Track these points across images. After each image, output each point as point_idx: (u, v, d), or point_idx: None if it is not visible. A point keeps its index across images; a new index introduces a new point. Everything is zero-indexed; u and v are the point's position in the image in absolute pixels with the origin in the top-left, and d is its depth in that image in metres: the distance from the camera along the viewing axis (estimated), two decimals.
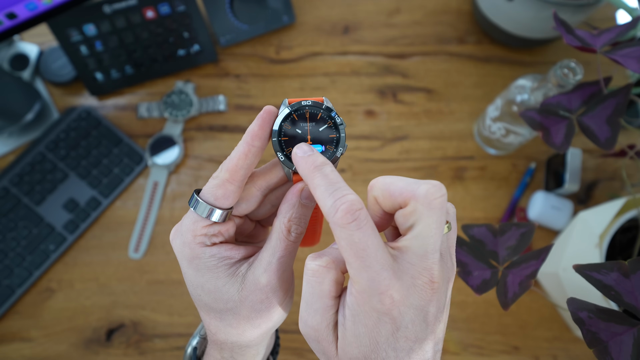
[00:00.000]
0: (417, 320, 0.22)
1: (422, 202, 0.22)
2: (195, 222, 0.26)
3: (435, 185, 0.22)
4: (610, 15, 0.74)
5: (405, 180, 0.23)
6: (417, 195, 0.22)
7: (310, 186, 0.23)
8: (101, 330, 0.61)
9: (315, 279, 0.23)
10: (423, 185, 0.22)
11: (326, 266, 0.23)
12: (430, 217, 0.22)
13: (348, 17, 0.74)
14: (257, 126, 0.26)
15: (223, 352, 0.28)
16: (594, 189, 0.66)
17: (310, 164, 0.24)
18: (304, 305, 0.24)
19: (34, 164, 0.65)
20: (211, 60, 0.71)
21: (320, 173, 0.23)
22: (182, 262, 0.27)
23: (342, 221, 0.21)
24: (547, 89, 0.51)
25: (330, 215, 0.22)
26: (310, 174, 0.23)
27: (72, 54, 0.67)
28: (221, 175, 0.25)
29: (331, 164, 0.24)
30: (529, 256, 0.37)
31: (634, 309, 0.31)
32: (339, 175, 0.23)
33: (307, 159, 0.24)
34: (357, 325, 0.22)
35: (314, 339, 0.24)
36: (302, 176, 0.24)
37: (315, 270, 0.23)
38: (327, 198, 0.22)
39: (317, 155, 0.24)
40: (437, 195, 0.22)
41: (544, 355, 0.60)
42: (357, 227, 0.21)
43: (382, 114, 0.70)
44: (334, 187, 0.22)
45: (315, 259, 0.23)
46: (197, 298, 0.27)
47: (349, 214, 0.21)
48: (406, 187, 0.23)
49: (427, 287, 0.22)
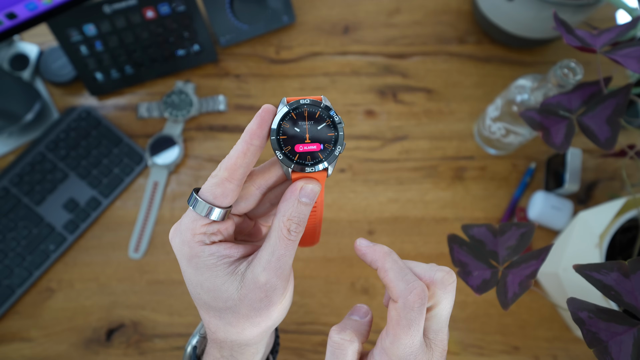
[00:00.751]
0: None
1: (439, 287, 0.27)
2: (195, 220, 0.26)
3: (449, 272, 0.27)
4: (610, 15, 0.74)
5: (423, 267, 0.28)
6: (435, 281, 0.27)
7: (381, 269, 0.27)
8: (101, 330, 0.61)
9: (340, 351, 0.26)
10: (439, 273, 0.27)
11: (350, 340, 0.27)
12: (446, 299, 0.27)
13: (348, 17, 0.74)
14: (255, 125, 0.26)
15: (223, 350, 0.29)
16: (594, 189, 0.66)
17: (380, 252, 0.28)
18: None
19: (34, 164, 0.65)
20: (211, 60, 0.71)
21: (391, 258, 0.27)
22: (182, 260, 0.27)
23: (413, 304, 0.25)
24: (547, 89, 0.51)
25: (402, 296, 0.26)
26: (382, 259, 0.28)
27: (72, 54, 0.67)
28: (220, 173, 0.26)
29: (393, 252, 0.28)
30: (529, 256, 0.37)
31: (634, 309, 0.31)
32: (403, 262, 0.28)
33: (375, 248, 0.28)
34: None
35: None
36: (373, 262, 0.28)
37: (340, 344, 0.27)
38: (399, 281, 0.26)
39: (380, 245, 0.28)
40: (450, 282, 0.27)
41: (544, 355, 0.60)
42: (419, 311, 0.26)
43: (382, 114, 0.70)
44: (404, 272, 0.27)
45: (340, 333, 0.27)
46: (196, 297, 0.27)
47: (420, 299, 0.25)
48: (424, 274, 0.27)
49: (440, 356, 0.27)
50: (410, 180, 0.67)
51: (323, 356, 0.60)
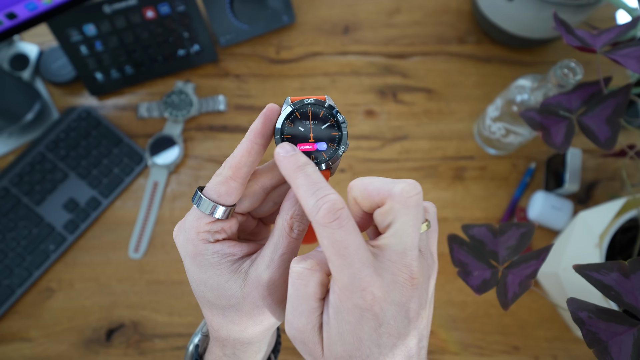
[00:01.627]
0: (399, 317, 0.22)
1: (397, 200, 0.23)
2: (199, 218, 0.26)
3: (411, 184, 0.23)
4: (610, 15, 0.74)
5: (381, 180, 0.24)
6: (393, 194, 0.23)
7: (293, 186, 0.24)
8: (101, 330, 0.61)
9: (300, 281, 0.23)
10: (398, 184, 0.23)
11: (311, 268, 0.23)
12: (406, 215, 0.23)
13: (348, 17, 0.74)
14: (260, 124, 0.26)
15: (225, 349, 0.29)
16: (594, 189, 0.66)
17: (293, 163, 0.24)
18: (289, 308, 0.24)
19: (34, 164, 0.65)
20: (211, 60, 0.71)
21: (302, 173, 0.24)
22: (185, 258, 0.27)
23: (324, 220, 0.22)
24: (547, 89, 0.51)
25: (312, 215, 0.22)
26: (293, 173, 0.24)
27: (72, 54, 0.67)
28: (224, 172, 0.26)
29: (313, 164, 0.24)
30: (529, 256, 0.37)
31: (634, 309, 0.31)
32: (322, 175, 0.24)
33: (289, 158, 0.24)
34: (341, 323, 0.22)
35: (300, 341, 0.24)
36: (285, 176, 0.24)
37: (300, 273, 0.23)
38: (309, 197, 0.22)
39: (299, 155, 0.24)
40: (412, 194, 0.23)
41: (544, 355, 0.60)
42: (338, 225, 0.22)
43: (382, 114, 0.70)
44: (316, 187, 0.23)
45: (300, 262, 0.24)
46: (199, 295, 0.27)
47: (331, 213, 0.22)
48: (382, 187, 0.23)
49: (407, 283, 0.22)
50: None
51: None
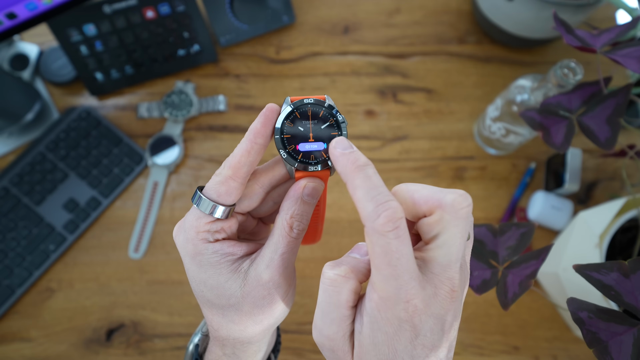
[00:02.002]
0: (436, 329, 0.22)
1: (448, 211, 0.22)
2: (198, 218, 0.26)
3: (462, 195, 0.22)
4: (610, 15, 0.74)
5: (430, 189, 0.23)
6: (444, 205, 0.22)
7: (349, 186, 0.22)
8: (101, 330, 0.61)
9: (333, 288, 0.23)
10: (449, 195, 0.22)
11: (345, 276, 0.23)
12: (456, 227, 0.22)
13: (348, 17, 0.74)
14: (259, 124, 0.26)
15: (225, 348, 0.29)
16: (594, 189, 0.66)
17: (352, 162, 0.23)
18: (319, 314, 0.23)
19: (34, 164, 0.65)
20: (211, 60, 0.71)
21: (362, 174, 0.22)
22: (185, 258, 0.27)
23: (382, 228, 0.20)
24: (547, 89, 0.51)
25: (369, 220, 0.21)
26: (351, 173, 0.22)
27: (72, 54, 0.67)
28: (224, 172, 0.26)
29: (373, 165, 0.23)
30: (529, 256, 0.37)
31: (634, 309, 0.31)
32: (381, 179, 0.22)
33: (348, 156, 0.23)
34: (376, 332, 0.22)
35: (328, 349, 0.23)
36: (341, 174, 0.23)
37: (334, 280, 0.23)
38: (368, 202, 0.21)
39: (358, 154, 0.23)
40: (464, 205, 0.22)
41: (544, 355, 0.60)
42: (395, 236, 0.20)
43: (382, 114, 0.70)
44: (376, 191, 0.21)
45: (334, 268, 0.23)
46: (199, 294, 0.27)
47: (391, 222, 0.20)
48: (432, 196, 0.22)
49: (448, 296, 0.22)
50: (411, 180, 0.66)
51: (323, 356, 0.60)
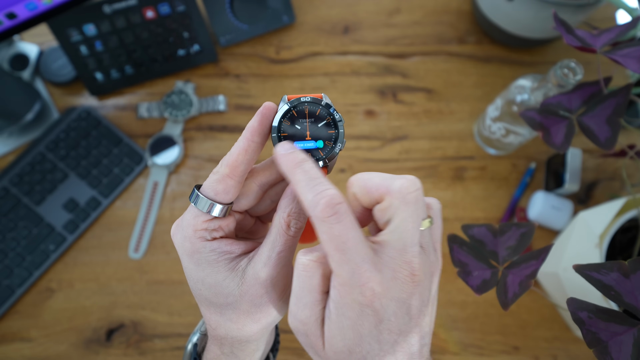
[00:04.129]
0: (400, 313, 0.22)
1: (396, 196, 0.22)
2: (196, 216, 0.26)
3: (410, 180, 0.23)
4: (610, 15, 0.74)
5: (381, 176, 0.24)
6: (392, 191, 0.23)
7: (292, 182, 0.24)
8: (101, 330, 0.61)
9: (306, 273, 0.23)
10: (397, 180, 0.23)
11: (317, 260, 0.23)
12: (405, 212, 0.22)
13: (348, 17, 0.74)
14: (256, 122, 0.26)
15: (223, 347, 0.29)
16: (594, 189, 0.66)
17: (291, 160, 0.24)
18: (293, 299, 0.24)
19: (34, 164, 0.65)
20: (211, 60, 0.71)
21: (300, 169, 0.24)
22: (183, 256, 0.27)
23: (322, 214, 0.22)
24: (547, 89, 0.51)
25: (310, 209, 0.22)
26: (292, 170, 0.24)
27: (72, 54, 0.67)
28: (221, 170, 0.26)
29: (312, 161, 0.24)
30: (529, 256, 0.37)
31: (634, 309, 0.31)
32: (320, 171, 0.24)
33: (287, 156, 0.25)
34: (341, 318, 0.22)
35: (302, 333, 0.24)
36: (284, 173, 0.24)
37: (306, 265, 0.23)
38: (307, 192, 0.23)
39: (297, 152, 0.25)
40: (411, 190, 0.23)
41: (544, 355, 0.60)
42: (337, 220, 0.21)
43: (382, 114, 0.70)
44: (314, 182, 0.23)
45: (307, 254, 0.24)
46: (197, 293, 0.27)
47: (329, 208, 0.21)
48: (382, 183, 0.23)
49: (408, 280, 0.22)
50: None
51: None
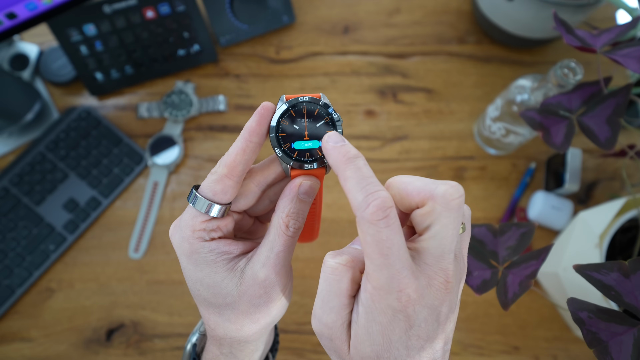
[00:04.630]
0: (430, 320, 0.22)
1: (440, 202, 0.22)
2: (194, 217, 0.26)
3: (454, 186, 0.22)
4: (610, 15, 0.74)
5: (423, 180, 0.23)
6: (435, 196, 0.22)
7: (341, 178, 0.23)
8: (101, 330, 0.61)
9: (334, 276, 0.23)
10: (441, 186, 0.22)
11: (346, 264, 0.23)
12: (447, 218, 0.22)
13: (348, 17, 0.74)
14: (254, 122, 0.26)
15: (222, 347, 0.29)
16: (594, 189, 0.66)
17: (343, 154, 0.23)
18: (319, 302, 0.23)
19: (34, 164, 0.65)
20: (211, 60, 0.71)
21: (353, 165, 0.23)
22: (181, 257, 0.27)
23: (372, 217, 0.21)
24: (547, 89, 0.51)
25: (359, 210, 0.21)
26: (343, 165, 0.23)
27: (72, 54, 0.67)
28: (219, 170, 0.26)
29: (364, 157, 0.23)
30: (529, 256, 0.37)
31: (634, 309, 0.31)
32: (371, 170, 0.23)
33: (339, 149, 0.24)
34: (371, 322, 0.22)
35: (327, 337, 0.24)
36: (333, 167, 0.24)
37: (335, 268, 0.23)
38: (358, 192, 0.22)
39: (349, 146, 0.24)
40: (455, 196, 0.22)
41: (544, 355, 0.60)
42: (386, 224, 0.21)
43: (382, 114, 0.70)
44: (366, 182, 0.22)
45: (335, 257, 0.23)
46: (196, 293, 0.27)
47: (380, 211, 0.21)
48: (424, 187, 0.23)
49: (442, 287, 0.22)
50: None
51: (323, 356, 0.60)
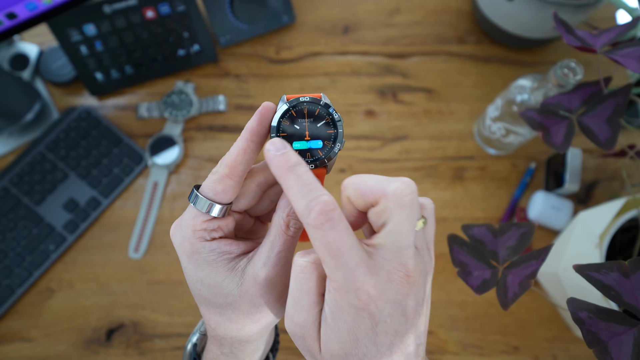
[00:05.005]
0: (396, 315, 0.22)
1: (392, 200, 0.22)
2: (195, 217, 0.26)
3: (405, 182, 0.22)
4: (610, 15, 0.74)
5: (375, 179, 0.23)
6: (387, 194, 0.22)
7: (283, 186, 0.23)
8: (101, 330, 0.61)
9: (303, 275, 0.23)
10: (393, 183, 0.22)
11: (314, 262, 0.23)
12: (400, 215, 0.22)
13: (348, 17, 0.74)
14: (255, 122, 0.26)
15: (223, 347, 0.29)
16: (594, 189, 0.66)
17: (284, 162, 0.23)
18: (290, 301, 0.24)
19: (34, 164, 0.65)
20: (211, 60, 0.71)
21: (293, 174, 0.23)
22: (182, 257, 0.27)
23: (315, 222, 0.21)
24: (547, 89, 0.51)
25: (304, 217, 0.22)
26: (283, 173, 0.23)
27: (72, 54, 0.67)
28: (220, 170, 0.26)
29: (305, 164, 0.23)
30: (529, 256, 0.37)
31: (634, 309, 0.31)
32: (313, 176, 0.23)
33: (279, 157, 0.23)
34: (337, 321, 0.22)
35: (299, 336, 0.24)
36: (275, 175, 0.23)
37: (304, 267, 0.23)
38: (300, 199, 0.22)
39: (290, 154, 0.23)
40: (406, 193, 0.22)
41: (544, 355, 0.60)
42: (330, 227, 0.21)
43: (382, 114, 0.70)
44: (307, 188, 0.22)
45: (304, 256, 0.23)
46: (197, 293, 0.27)
47: (323, 215, 0.21)
48: (377, 186, 0.23)
49: (403, 281, 0.22)
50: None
51: None
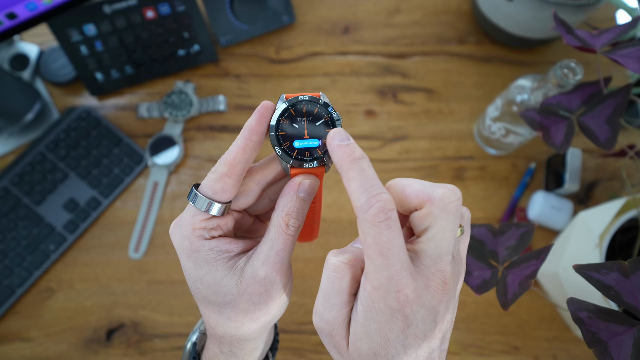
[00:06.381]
0: (427, 319, 0.22)
1: (437, 205, 0.22)
2: (194, 215, 0.26)
3: (451, 190, 0.23)
4: (610, 15, 0.74)
5: (421, 183, 0.24)
6: (433, 199, 0.23)
7: (344, 177, 0.23)
8: (101, 330, 0.61)
9: (336, 274, 0.23)
10: (439, 189, 0.23)
11: (348, 263, 0.23)
12: (445, 221, 0.22)
13: (348, 17, 0.74)
14: (254, 121, 0.26)
15: (222, 346, 0.29)
16: (594, 189, 0.66)
17: (348, 154, 0.23)
18: (320, 299, 0.24)
19: (34, 164, 0.65)
20: (211, 60, 0.71)
21: (357, 166, 0.23)
22: (181, 255, 0.27)
23: (373, 219, 0.21)
24: (547, 89, 0.51)
25: (362, 211, 0.22)
26: (347, 165, 0.23)
27: (72, 54, 0.67)
28: (219, 169, 0.26)
29: (368, 158, 0.24)
30: (529, 256, 0.37)
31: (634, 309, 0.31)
32: (375, 172, 0.23)
33: (344, 148, 0.24)
34: (369, 321, 0.22)
35: (327, 333, 0.24)
36: (337, 165, 0.24)
37: (337, 266, 0.23)
38: (361, 193, 0.22)
39: (354, 146, 0.24)
40: (452, 199, 0.23)
41: (544, 355, 0.60)
42: (387, 226, 0.21)
43: (382, 114, 0.70)
44: (369, 184, 0.22)
45: (338, 255, 0.24)
46: (196, 292, 0.28)
47: (382, 213, 0.21)
48: (422, 190, 0.23)
49: (439, 288, 0.23)
50: None
51: (323, 356, 0.60)
